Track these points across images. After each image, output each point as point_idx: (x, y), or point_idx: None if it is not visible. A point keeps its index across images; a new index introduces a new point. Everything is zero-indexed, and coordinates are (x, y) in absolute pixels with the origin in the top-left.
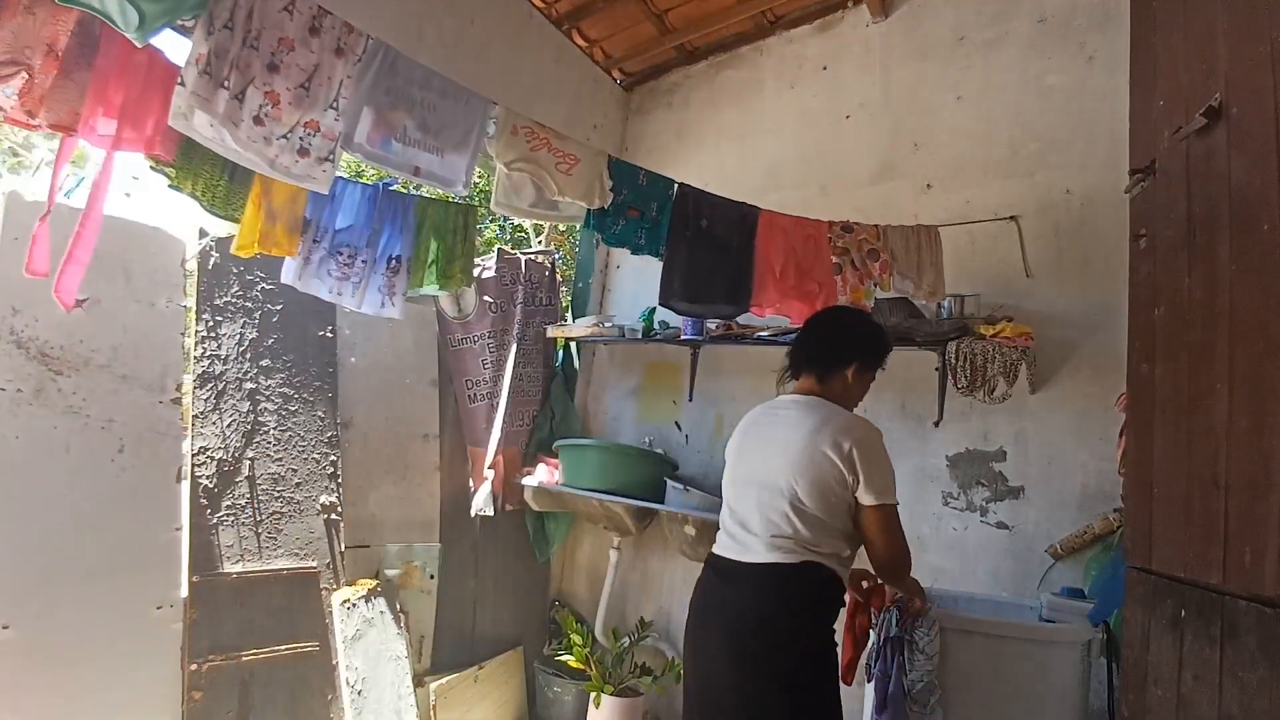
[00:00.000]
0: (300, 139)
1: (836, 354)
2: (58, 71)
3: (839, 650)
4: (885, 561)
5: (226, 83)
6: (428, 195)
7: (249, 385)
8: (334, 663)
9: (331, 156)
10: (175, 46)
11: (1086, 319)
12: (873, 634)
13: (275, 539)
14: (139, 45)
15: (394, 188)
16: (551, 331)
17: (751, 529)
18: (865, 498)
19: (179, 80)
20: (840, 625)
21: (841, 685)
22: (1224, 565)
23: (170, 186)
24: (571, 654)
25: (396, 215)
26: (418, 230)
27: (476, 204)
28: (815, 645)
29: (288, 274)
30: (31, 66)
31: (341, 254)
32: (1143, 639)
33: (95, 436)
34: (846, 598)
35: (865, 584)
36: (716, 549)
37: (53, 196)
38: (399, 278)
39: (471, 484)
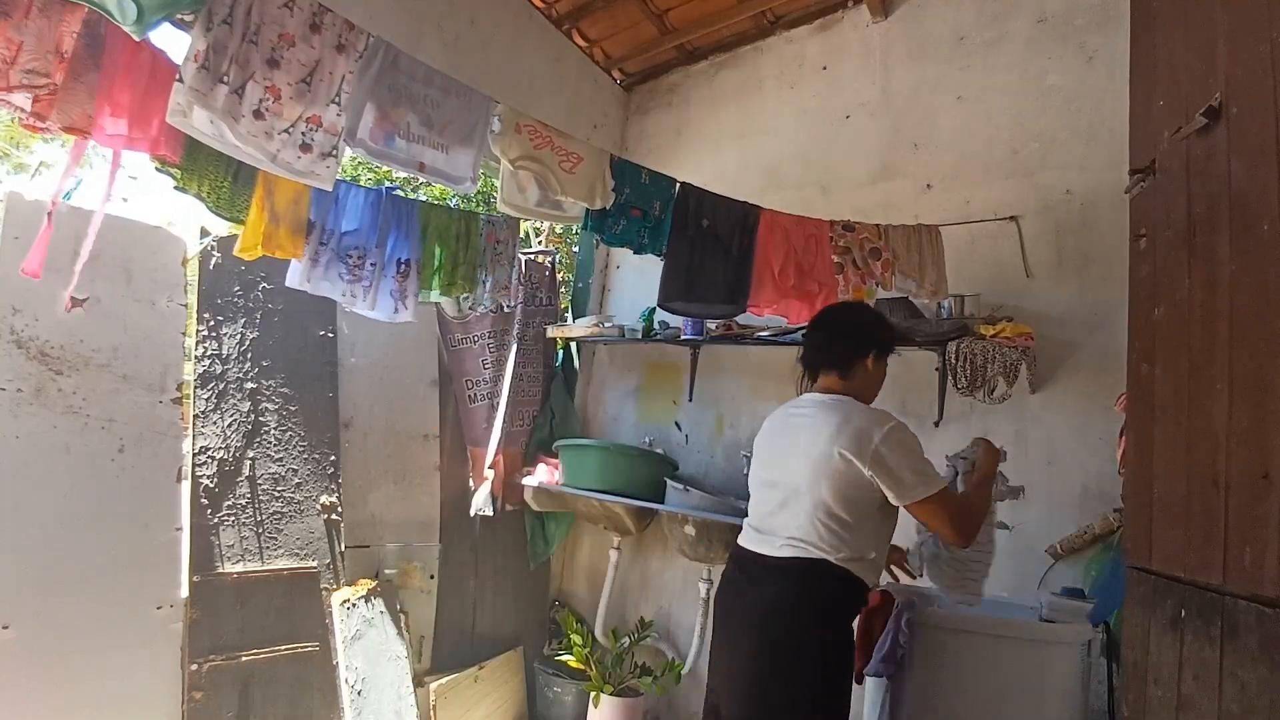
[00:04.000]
0: (302, 134)
1: (855, 347)
2: (66, 74)
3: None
4: (955, 540)
5: (225, 78)
6: (430, 202)
7: (250, 385)
8: (334, 663)
9: (334, 152)
10: (178, 46)
11: (1086, 319)
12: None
13: (275, 539)
14: (137, 39)
15: (396, 192)
16: (551, 331)
17: (772, 529)
18: (903, 499)
19: (177, 77)
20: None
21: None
22: (1224, 565)
23: (176, 188)
24: (571, 654)
25: (401, 220)
26: (422, 236)
27: (477, 210)
28: (826, 639)
29: (293, 278)
30: (50, 72)
31: (350, 256)
32: (1143, 639)
33: (95, 436)
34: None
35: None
36: (741, 541)
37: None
38: (409, 281)
39: (471, 484)
